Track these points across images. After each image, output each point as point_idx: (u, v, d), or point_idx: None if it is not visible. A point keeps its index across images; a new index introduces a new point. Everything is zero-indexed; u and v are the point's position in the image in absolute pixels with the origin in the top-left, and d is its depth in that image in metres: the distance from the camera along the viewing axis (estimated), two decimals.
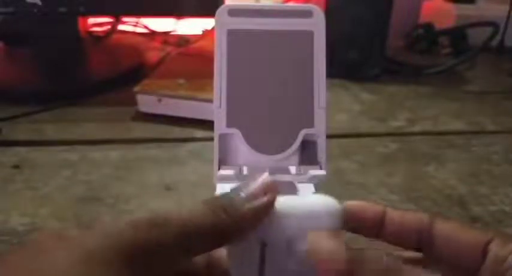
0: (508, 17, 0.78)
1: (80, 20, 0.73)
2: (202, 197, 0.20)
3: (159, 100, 0.54)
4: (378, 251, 0.20)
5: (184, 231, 0.19)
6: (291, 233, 0.21)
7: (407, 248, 0.23)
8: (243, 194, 0.21)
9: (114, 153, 0.48)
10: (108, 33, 0.79)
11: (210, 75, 0.26)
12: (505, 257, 0.21)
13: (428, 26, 0.81)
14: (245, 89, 0.25)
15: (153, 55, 0.73)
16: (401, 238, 0.23)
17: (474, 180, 0.46)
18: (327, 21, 0.26)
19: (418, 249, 0.23)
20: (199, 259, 0.24)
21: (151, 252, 0.18)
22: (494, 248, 0.21)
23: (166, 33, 0.84)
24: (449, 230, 0.22)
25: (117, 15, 0.77)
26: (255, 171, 0.26)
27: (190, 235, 0.19)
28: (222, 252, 0.23)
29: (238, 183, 0.22)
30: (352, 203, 0.24)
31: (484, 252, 0.21)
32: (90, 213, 0.39)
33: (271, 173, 0.26)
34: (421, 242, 0.23)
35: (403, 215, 0.23)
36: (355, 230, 0.24)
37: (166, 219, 0.19)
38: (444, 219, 0.23)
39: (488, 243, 0.21)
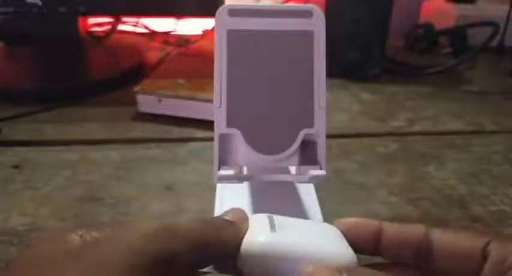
0: (508, 17, 0.78)
1: (80, 20, 0.73)
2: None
3: (159, 100, 0.54)
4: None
5: (194, 240, 0.19)
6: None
7: (405, 262, 0.23)
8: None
9: (114, 153, 0.48)
10: (108, 33, 0.79)
11: (210, 75, 0.26)
12: (505, 258, 0.21)
13: (428, 26, 0.81)
14: (245, 89, 0.25)
15: (153, 55, 0.73)
16: (399, 253, 0.23)
17: (474, 180, 0.45)
18: (327, 21, 0.26)
19: (416, 263, 0.23)
20: None
21: (163, 263, 0.18)
22: (494, 250, 0.21)
23: (166, 33, 0.84)
24: (446, 239, 0.22)
25: (117, 15, 0.77)
26: (255, 171, 0.26)
27: (198, 245, 0.20)
28: None
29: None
30: (347, 220, 0.23)
31: (484, 254, 0.21)
32: (90, 213, 0.39)
33: (271, 173, 0.26)
34: (419, 256, 0.22)
35: (399, 230, 0.23)
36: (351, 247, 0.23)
37: (175, 229, 0.19)
38: (440, 229, 0.23)
39: (486, 245, 0.21)
